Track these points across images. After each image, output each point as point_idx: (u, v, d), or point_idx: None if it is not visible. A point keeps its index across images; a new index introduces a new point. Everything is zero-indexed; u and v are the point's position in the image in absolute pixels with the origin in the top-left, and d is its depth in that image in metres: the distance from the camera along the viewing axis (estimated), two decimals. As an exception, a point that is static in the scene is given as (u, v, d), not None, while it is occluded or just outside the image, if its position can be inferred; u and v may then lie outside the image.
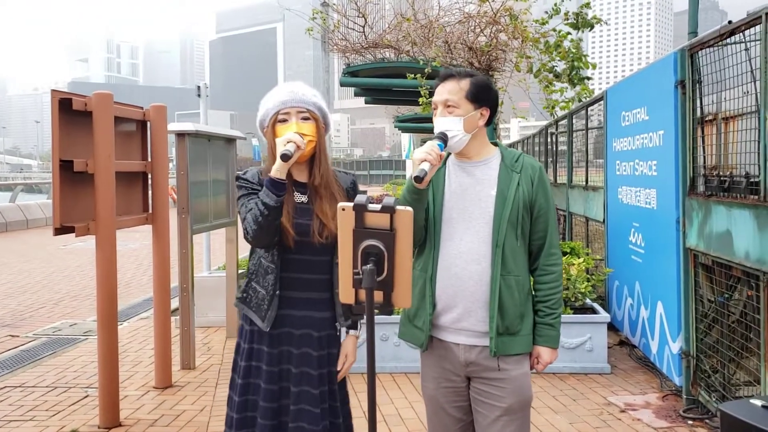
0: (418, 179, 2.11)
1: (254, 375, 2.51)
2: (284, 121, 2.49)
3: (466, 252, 2.29)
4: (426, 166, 2.13)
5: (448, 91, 2.32)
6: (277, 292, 2.48)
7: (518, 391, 2.31)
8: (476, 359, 2.31)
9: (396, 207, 1.76)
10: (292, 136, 2.38)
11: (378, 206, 1.77)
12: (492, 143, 2.44)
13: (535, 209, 2.35)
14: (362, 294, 1.78)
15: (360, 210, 1.76)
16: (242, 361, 2.54)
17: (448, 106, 2.31)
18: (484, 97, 2.34)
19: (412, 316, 2.40)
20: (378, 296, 1.81)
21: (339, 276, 1.85)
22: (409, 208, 1.80)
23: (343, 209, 1.79)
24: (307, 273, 2.51)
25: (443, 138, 2.25)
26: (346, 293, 1.86)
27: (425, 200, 2.28)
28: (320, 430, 2.46)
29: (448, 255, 2.31)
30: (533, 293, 2.41)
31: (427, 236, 2.35)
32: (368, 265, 1.74)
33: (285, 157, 2.32)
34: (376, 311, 1.78)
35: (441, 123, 2.31)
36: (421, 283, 2.34)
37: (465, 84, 2.32)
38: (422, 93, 8.32)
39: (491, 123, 2.41)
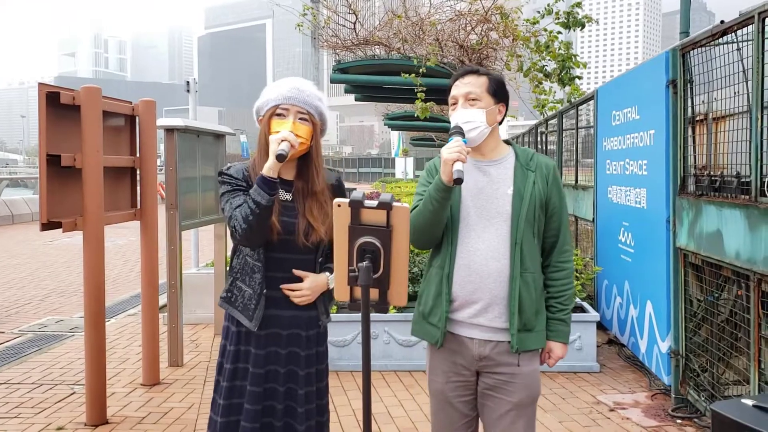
0: (460, 181, 2.08)
1: (240, 377, 2.46)
2: (281, 115, 2.43)
3: (485, 249, 2.30)
4: (460, 166, 2.12)
5: (470, 84, 2.35)
6: (264, 291, 2.44)
7: (528, 386, 2.35)
8: (490, 354, 2.33)
9: (393, 203, 1.74)
10: (286, 135, 2.33)
11: (374, 203, 1.74)
12: (504, 142, 2.46)
13: (549, 207, 2.38)
14: (357, 291, 1.76)
15: (356, 206, 1.73)
16: (228, 364, 2.48)
17: (471, 99, 2.33)
18: (502, 93, 2.39)
19: (427, 313, 2.39)
20: (373, 294, 1.79)
21: (334, 273, 1.82)
22: (406, 205, 1.79)
23: (339, 205, 1.76)
24: (291, 272, 2.47)
25: (461, 132, 2.25)
26: (341, 290, 1.84)
27: (451, 199, 2.26)
28: (305, 430, 2.44)
29: (466, 252, 2.31)
30: (546, 290, 2.43)
31: (444, 234, 2.34)
32: (364, 262, 1.72)
33: (281, 158, 2.27)
34: (371, 309, 1.76)
35: (463, 114, 2.32)
36: (437, 279, 2.35)
37: (485, 79, 2.37)
38: (419, 96, 8.29)
39: (502, 122, 2.43)
